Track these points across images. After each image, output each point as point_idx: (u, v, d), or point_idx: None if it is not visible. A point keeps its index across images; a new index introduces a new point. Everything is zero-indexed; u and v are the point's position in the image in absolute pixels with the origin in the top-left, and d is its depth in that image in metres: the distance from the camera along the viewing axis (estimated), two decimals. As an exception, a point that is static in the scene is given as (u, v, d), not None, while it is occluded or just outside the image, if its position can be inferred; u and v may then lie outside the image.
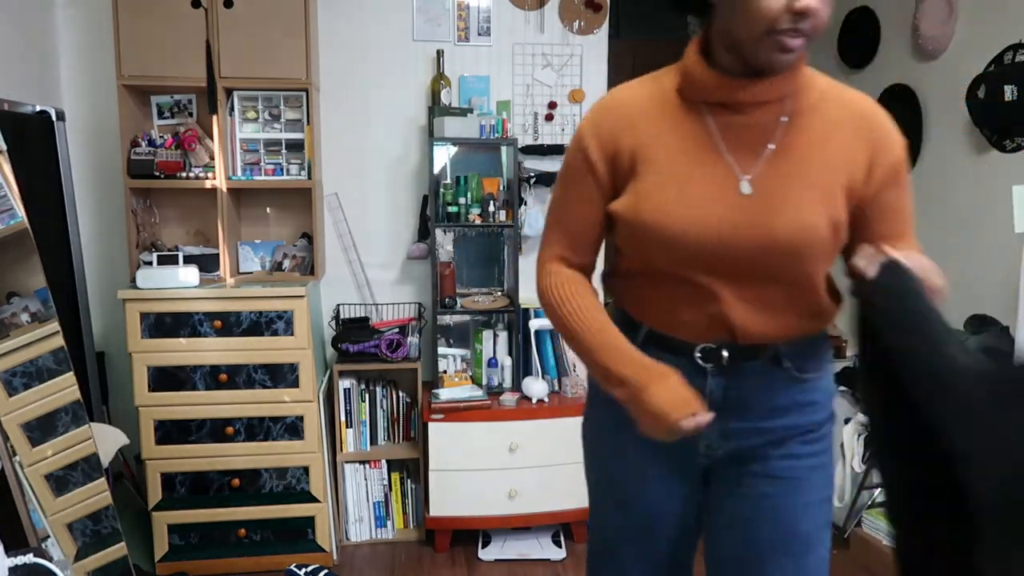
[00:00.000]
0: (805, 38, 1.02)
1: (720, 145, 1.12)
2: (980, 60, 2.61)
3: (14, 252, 1.85)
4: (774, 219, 1.09)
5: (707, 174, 1.11)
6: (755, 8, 1.00)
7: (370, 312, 3.06)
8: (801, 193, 1.10)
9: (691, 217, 1.11)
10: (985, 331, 2.45)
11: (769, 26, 1.00)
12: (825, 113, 1.14)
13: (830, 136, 1.12)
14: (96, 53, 2.79)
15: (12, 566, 1.46)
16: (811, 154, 1.11)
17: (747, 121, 1.11)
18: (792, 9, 0.99)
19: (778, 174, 1.11)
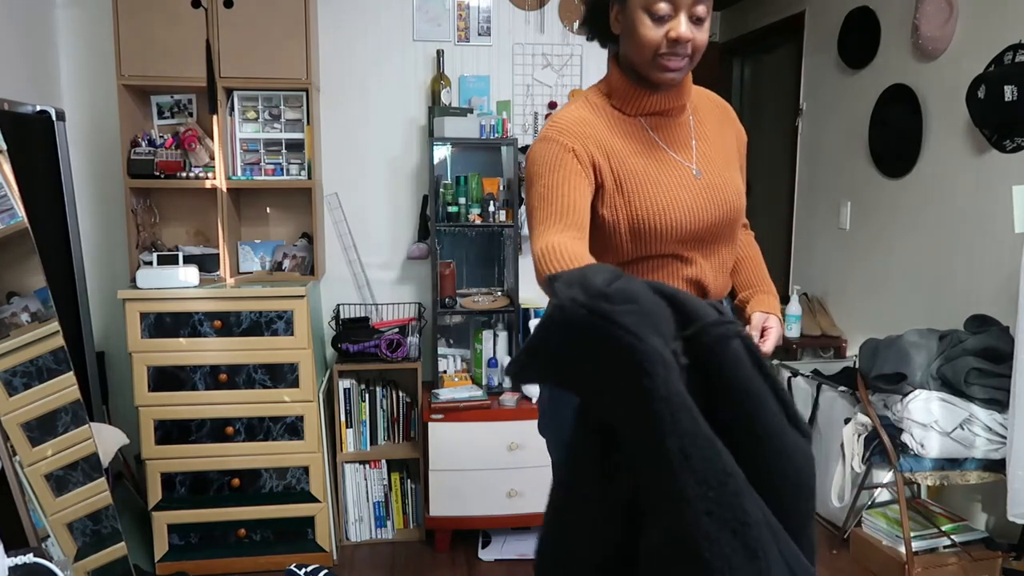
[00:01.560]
0: (685, 58, 1.29)
1: (662, 144, 1.39)
2: (980, 60, 2.61)
3: (14, 252, 1.85)
4: (724, 192, 1.39)
5: (666, 168, 1.37)
6: (640, 40, 1.27)
7: (370, 312, 3.06)
8: (728, 170, 1.42)
9: (672, 204, 1.34)
10: (985, 331, 2.45)
11: (653, 51, 1.27)
12: (706, 109, 1.46)
13: (718, 126, 1.46)
14: (96, 53, 2.79)
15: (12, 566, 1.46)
16: (716, 140, 1.44)
17: (672, 123, 1.40)
18: (668, 38, 1.25)
19: (708, 158, 1.41)
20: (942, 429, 2.34)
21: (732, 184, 1.42)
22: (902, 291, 3.10)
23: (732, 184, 1.42)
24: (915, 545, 2.49)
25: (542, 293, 3.49)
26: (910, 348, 2.46)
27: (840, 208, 3.48)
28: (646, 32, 1.27)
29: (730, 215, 1.41)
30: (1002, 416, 2.33)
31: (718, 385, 0.81)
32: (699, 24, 1.28)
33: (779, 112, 4.16)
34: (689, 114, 1.43)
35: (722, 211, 1.39)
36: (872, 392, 2.58)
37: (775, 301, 1.52)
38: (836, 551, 2.80)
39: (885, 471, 2.67)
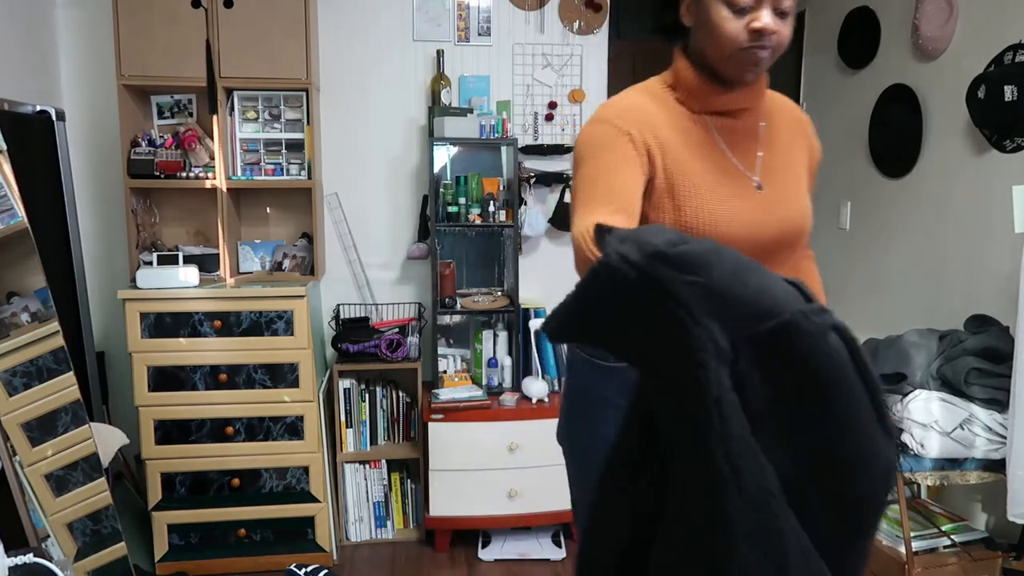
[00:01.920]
0: (768, 50, 1.16)
1: (725, 148, 1.25)
2: (980, 60, 2.61)
3: (14, 252, 1.85)
4: (785, 208, 1.25)
5: (726, 175, 1.23)
6: (718, 32, 1.15)
7: (370, 312, 3.06)
8: (794, 184, 1.29)
9: (726, 214, 1.20)
10: (985, 331, 2.45)
11: (735, 46, 1.15)
12: (781, 116, 1.33)
13: (791, 136, 1.33)
14: (96, 53, 2.79)
15: (12, 566, 1.46)
16: (786, 153, 1.30)
17: (739, 126, 1.26)
18: (750, 29, 1.13)
19: (773, 170, 1.27)
20: (942, 429, 2.34)
21: (797, 202, 1.28)
22: (902, 291, 3.10)
23: (797, 202, 1.28)
24: (915, 545, 2.49)
25: (542, 293, 3.47)
26: (910, 348, 2.46)
27: (840, 208, 3.48)
28: (725, 24, 1.14)
29: (790, 236, 1.27)
30: (1002, 416, 2.33)
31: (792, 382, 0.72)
32: (783, 17, 1.15)
33: (779, 112, 4.15)
34: (761, 120, 1.29)
35: (781, 231, 1.25)
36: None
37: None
38: (836, 551, 2.79)
39: (885, 471, 2.66)
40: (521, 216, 2.96)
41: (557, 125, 3.13)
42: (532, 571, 2.70)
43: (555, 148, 3.06)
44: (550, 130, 3.13)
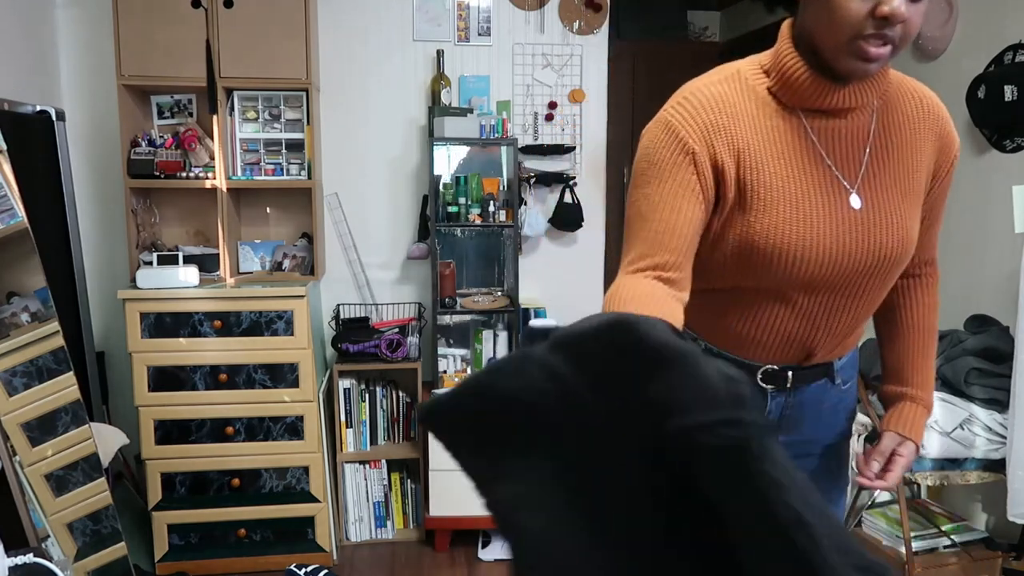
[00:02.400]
0: (891, 46, 0.94)
1: (823, 154, 1.03)
2: (980, 60, 2.61)
3: (14, 252, 1.85)
4: (884, 234, 1.04)
5: (818, 188, 1.02)
6: (836, 14, 0.92)
7: (370, 312, 3.06)
8: (902, 204, 1.06)
9: (808, 238, 1.01)
10: (985, 331, 2.45)
11: (853, 32, 0.92)
12: (903, 109, 1.09)
13: (912, 136, 1.08)
14: (96, 53, 2.79)
15: (12, 566, 1.46)
16: (900, 158, 1.07)
17: (844, 127, 1.04)
18: (877, 15, 0.90)
19: (879, 184, 1.05)
20: (942, 429, 2.34)
21: (901, 225, 1.05)
22: (902, 291, 3.10)
23: (901, 225, 1.05)
24: (915, 545, 2.49)
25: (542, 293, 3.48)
26: (910, 348, 2.46)
27: (840, 208, 3.48)
28: (846, 4, 0.91)
29: (884, 264, 1.05)
30: (1002, 416, 2.33)
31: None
32: (915, 2, 0.93)
33: (779, 112, 4.15)
34: (872, 115, 1.06)
35: (871, 259, 1.04)
36: (872, 392, 2.58)
37: (925, 416, 1.19)
38: (836, 551, 2.79)
39: (885, 471, 2.67)
40: (521, 216, 2.96)
41: (557, 125, 3.13)
42: (532, 571, 2.70)
43: (555, 148, 3.06)
44: (550, 130, 3.13)
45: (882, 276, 1.07)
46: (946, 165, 1.12)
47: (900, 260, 1.07)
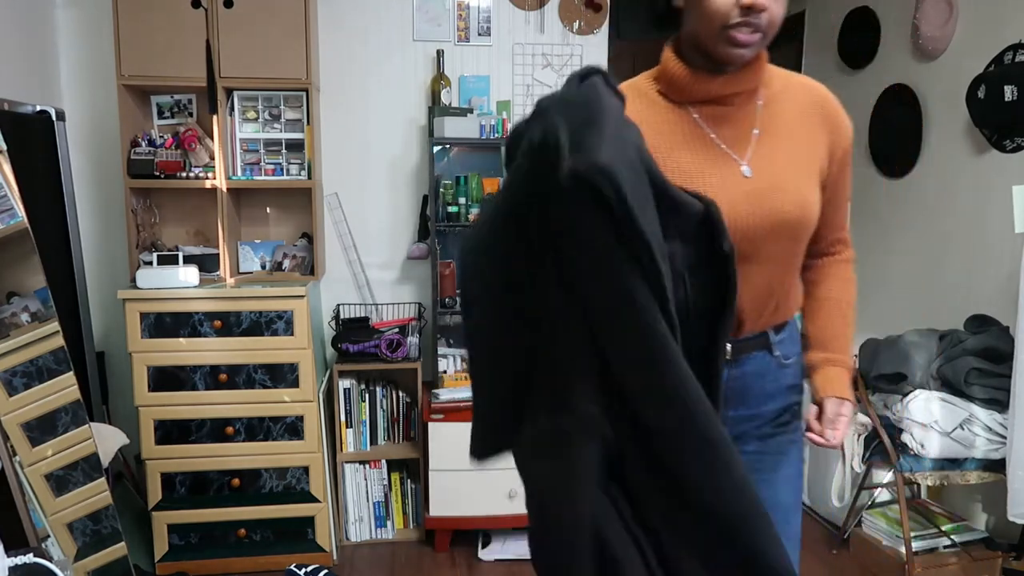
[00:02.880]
0: (759, 32, 1.09)
1: (712, 137, 1.18)
2: (980, 60, 2.61)
3: (14, 252, 1.85)
4: (779, 197, 1.15)
5: (709, 163, 1.16)
6: (709, 7, 1.08)
7: (370, 312, 3.06)
8: (794, 171, 1.18)
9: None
10: (985, 331, 2.45)
11: (723, 22, 1.08)
12: (793, 99, 1.22)
13: (802, 120, 1.21)
14: (96, 53, 2.79)
15: (12, 566, 1.46)
16: (790, 135, 1.20)
17: (729, 112, 1.18)
18: (741, 4, 1.06)
19: (769, 156, 1.18)
20: (942, 429, 2.34)
21: (792, 192, 1.16)
22: (902, 291, 3.10)
23: (792, 192, 1.16)
24: (915, 545, 2.49)
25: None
26: (910, 348, 2.46)
27: (840, 208, 3.48)
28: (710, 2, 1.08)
29: (780, 229, 1.16)
30: (1002, 416, 2.33)
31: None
32: None
33: (779, 112, 4.16)
34: (759, 102, 1.20)
35: (769, 222, 1.15)
36: (872, 392, 2.58)
37: (848, 377, 1.31)
38: (836, 551, 2.80)
39: (885, 471, 2.67)
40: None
41: (557, 125, 3.13)
42: (532, 571, 2.70)
43: (555, 148, 3.05)
44: (550, 130, 3.13)
45: (785, 240, 1.18)
46: (840, 148, 1.26)
47: (799, 224, 1.18)
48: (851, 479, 2.59)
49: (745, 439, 1.27)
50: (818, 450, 3.02)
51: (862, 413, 2.55)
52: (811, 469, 3.11)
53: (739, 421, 1.25)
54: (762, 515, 0.97)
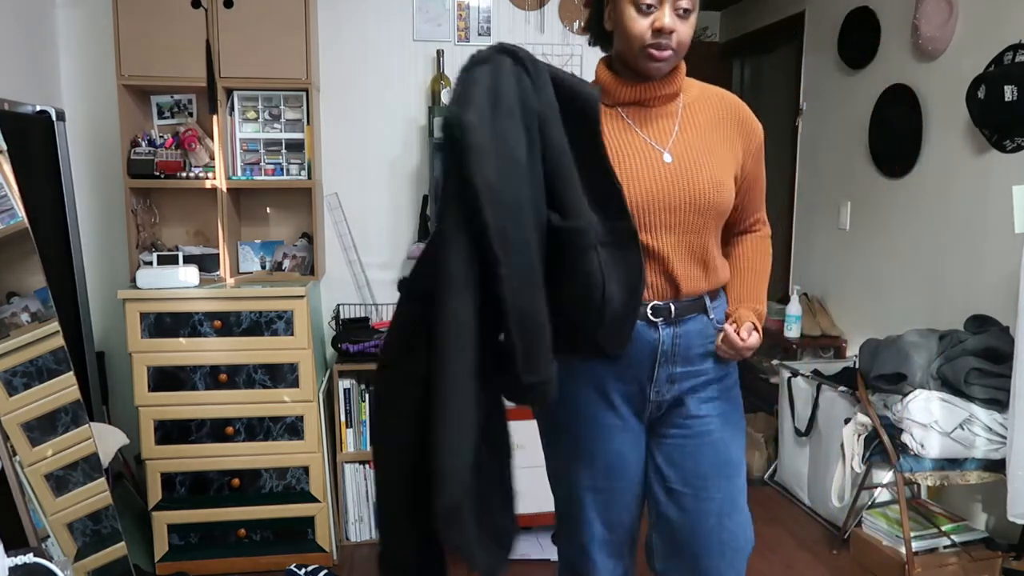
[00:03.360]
0: (669, 50, 1.34)
1: (638, 131, 1.41)
2: (980, 60, 2.61)
3: (14, 252, 1.85)
4: (695, 178, 1.38)
5: (635, 151, 1.39)
6: (629, 32, 1.34)
7: (370, 312, 3.06)
8: (709, 159, 1.40)
9: (628, 181, 1.34)
10: (985, 331, 2.45)
11: (641, 43, 1.33)
12: (707, 104, 1.46)
13: (716, 120, 1.45)
14: (96, 53, 2.79)
15: (12, 566, 1.46)
16: (706, 132, 1.43)
17: (654, 112, 1.42)
18: (654, 28, 1.32)
19: (688, 147, 1.40)
20: (942, 429, 2.34)
21: (707, 174, 1.38)
22: (902, 291, 3.11)
23: (707, 174, 1.38)
24: (915, 545, 2.49)
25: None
26: (910, 348, 2.46)
27: (840, 208, 3.48)
28: (632, 23, 1.33)
29: (697, 203, 1.38)
30: (1002, 416, 2.33)
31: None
32: (684, 16, 1.33)
33: (779, 112, 4.16)
34: (679, 106, 1.43)
35: (688, 197, 1.37)
36: (872, 392, 2.58)
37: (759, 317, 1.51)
38: (836, 551, 2.80)
39: (885, 471, 2.67)
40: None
41: (557, 125, 3.13)
42: (532, 571, 2.70)
43: (555, 148, 3.05)
44: (550, 130, 3.13)
45: (703, 214, 1.40)
46: (753, 145, 1.49)
47: (714, 200, 1.39)
48: (851, 479, 2.59)
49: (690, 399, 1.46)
50: (818, 451, 3.02)
51: (862, 413, 2.56)
52: (811, 469, 3.11)
53: (685, 377, 1.45)
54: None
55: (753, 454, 3.56)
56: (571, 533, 1.55)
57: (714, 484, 1.46)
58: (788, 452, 3.28)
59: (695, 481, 1.46)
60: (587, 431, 1.46)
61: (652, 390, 1.44)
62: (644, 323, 1.40)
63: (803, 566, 2.72)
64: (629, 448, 1.48)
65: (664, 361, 1.42)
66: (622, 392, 1.44)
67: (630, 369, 1.42)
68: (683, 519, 1.48)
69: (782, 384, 3.28)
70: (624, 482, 1.49)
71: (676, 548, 1.50)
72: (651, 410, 1.47)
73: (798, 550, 2.83)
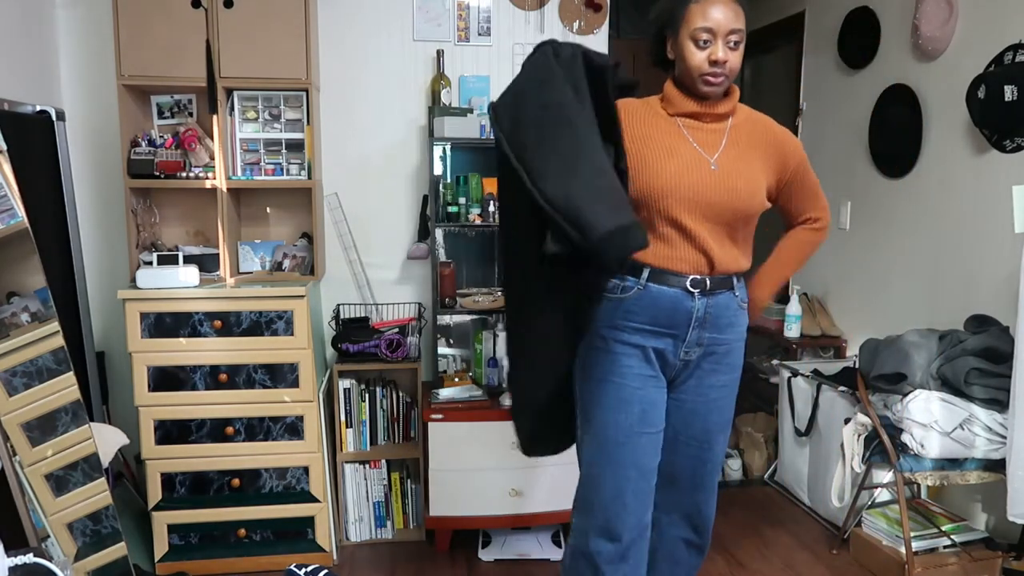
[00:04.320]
0: (723, 76, 1.61)
1: (690, 139, 1.68)
2: (980, 60, 2.61)
3: (14, 252, 1.85)
4: (734, 184, 1.66)
5: (685, 153, 1.66)
6: (688, 63, 1.62)
7: (370, 312, 3.06)
8: (748, 171, 1.69)
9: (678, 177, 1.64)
10: (985, 331, 2.45)
11: (699, 73, 1.62)
12: (752, 127, 1.74)
13: (757, 142, 1.73)
14: (96, 53, 2.79)
15: (12, 566, 1.46)
16: (747, 150, 1.71)
17: (705, 126, 1.70)
18: (710, 60, 1.60)
19: (731, 160, 1.68)
20: (942, 429, 2.34)
21: (744, 183, 1.66)
22: (902, 291, 3.11)
23: (744, 183, 1.66)
24: (915, 545, 2.49)
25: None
26: (910, 348, 2.46)
27: (840, 208, 3.48)
28: (692, 57, 1.60)
29: (735, 206, 1.65)
30: (1002, 416, 2.33)
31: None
32: (734, 48, 1.60)
33: (779, 112, 4.15)
34: (728, 126, 1.70)
35: (726, 198, 1.64)
36: (872, 392, 2.58)
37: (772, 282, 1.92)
38: (836, 551, 2.80)
39: (885, 471, 2.67)
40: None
41: (557, 125, 3.13)
42: (532, 571, 2.70)
43: (555, 148, 3.05)
44: (550, 130, 3.13)
45: (737, 213, 1.67)
46: (793, 162, 1.77)
47: (747, 205, 1.67)
48: (851, 479, 2.59)
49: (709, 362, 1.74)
50: (818, 451, 3.02)
51: (862, 413, 2.56)
52: (811, 469, 3.11)
53: (711, 343, 1.72)
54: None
55: (753, 454, 3.56)
56: (602, 480, 1.71)
57: (716, 439, 1.80)
58: (788, 452, 3.28)
59: (701, 436, 1.78)
60: (628, 380, 1.69)
61: (682, 349, 1.70)
62: (684, 292, 1.66)
63: (803, 566, 2.72)
64: (659, 398, 1.73)
65: (697, 325, 1.68)
66: (658, 350, 1.69)
67: (669, 330, 1.68)
68: (687, 464, 1.80)
69: (782, 384, 3.28)
70: (654, 428, 1.73)
71: (675, 484, 1.81)
72: (677, 368, 1.73)
73: (798, 550, 2.83)
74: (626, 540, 1.70)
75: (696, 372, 1.74)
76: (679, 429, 1.78)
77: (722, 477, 3.51)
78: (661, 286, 1.66)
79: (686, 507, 1.83)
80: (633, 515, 1.71)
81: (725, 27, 1.58)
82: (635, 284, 1.66)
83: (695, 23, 1.58)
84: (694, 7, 1.59)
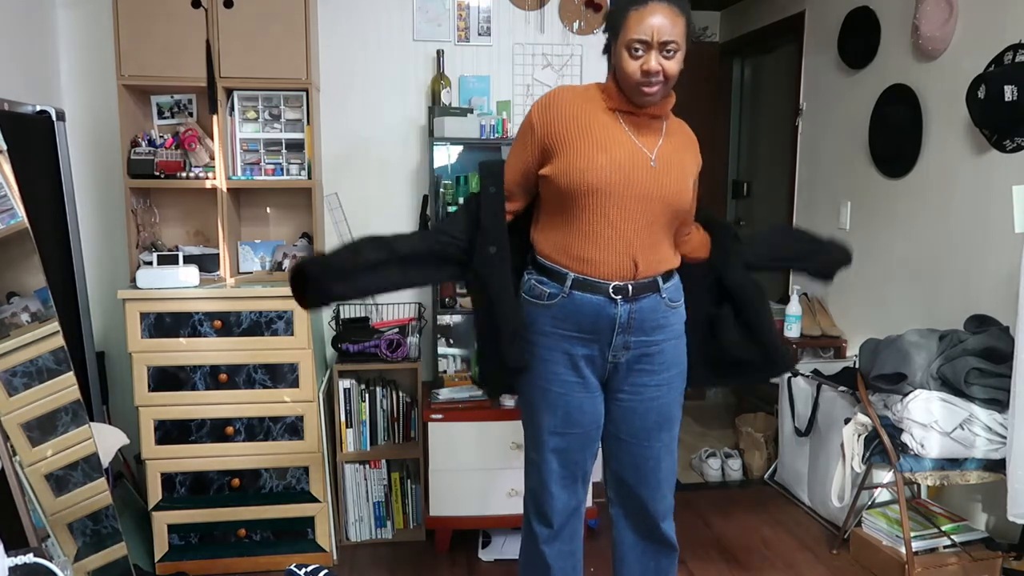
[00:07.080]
0: (659, 85, 1.63)
1: (629, 132, 1.70)
2: (980, 60, 2.61)
3: (14, 252, 1.85)
4: (670, 180, 1.69)
5: (624, 147, 1.68)
6: (623, 71, 1.64)
7: (370, 312, 3.06)
8: (680, 170, 1.73)
9: (615, 172, 1.65)
10: (985, 331, 2.45)
11: (634, 81, 1.62)
12: (681, 130, 1.81)
13: (682, 144, 1.77)
14: (96, 53, 2.79)
15: (12, 566, 1.46)
16: (679, 150, 1.75)
17: (644, 122, 1.71)
18: (642, 70, 1.60)
19: (666, 157, 1.71)
20: (942, 429, 2.34)
21: (678, 180, 1.70)
22: (902, 291, 3.11)
23: (678, 180, 1.70)
24: (915, 545, 2.49)
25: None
26: (910, 348, 2.46)
27: (840, 208, 3.48)
28: (626, 65, 1.62)
29: (670, 201, 1.70)
30: (1002, 416, 2.33)
31: None
32: (669, 57, 1.61)
33: (779, 112, 4.16)
34: (664, 122, 1.75)
35: (661, 194, 1.68)
36: (872, 392, 2.58)
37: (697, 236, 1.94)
38: (836, 551, 2.80)
39: (885, 471, 2.67)
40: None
41: (557, 125, 3.13)
42: (532, 571, 2.70)
43: (555, 148, 3.05)
44: (550, 130, 3.13)
45: (668, 210, 1.70)
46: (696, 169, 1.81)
47: (683, 200, 1.72)
48: (851, 479, 2.59)
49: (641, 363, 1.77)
50: (818, 451, 3.02)
51: (862, 413, 2.56)
52: (811, 469, 3.11)
53: (638, 345, 1.76)
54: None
55: (753, 454, 3.56)
56: (535, 470, 1.86)
57: (655, 436, 1.83)
58: (788, 452, 3.28)
59: (640, 433, 1.83)
60: (554, 386, 1.78)
61: (609, 354, 1.75)
62: (606, 299, 1.70)
63: (803, 566, 2.72)
64: (586, 402, 1.79)
65: (621, 331, 1.72)
66: (585, 356, 1.75)
67: (594, 335, 1.73)
68: (629, 461, 1.86)
69: (782, 384, 3.28)
70: (579, 429, 1.80)
71: (623, 482, 1.88)
72: (608, 370, 1.79)
73: (798, 550, 2.83)
74: (556, 523, 1.87)
75: (629, 374, 1.79)
76: (620, 428, 1.84)
77: (722, 477, 3.51)
78: (584, 293, 1.70)
79: (634, 504, 1.89)
80: (559, 501, 1.85)
81: (659, 37, 1.58)
82: (559, 291, 1.72)
83: (630, 33, 1.59)
84: (632, 16, 1.59)
